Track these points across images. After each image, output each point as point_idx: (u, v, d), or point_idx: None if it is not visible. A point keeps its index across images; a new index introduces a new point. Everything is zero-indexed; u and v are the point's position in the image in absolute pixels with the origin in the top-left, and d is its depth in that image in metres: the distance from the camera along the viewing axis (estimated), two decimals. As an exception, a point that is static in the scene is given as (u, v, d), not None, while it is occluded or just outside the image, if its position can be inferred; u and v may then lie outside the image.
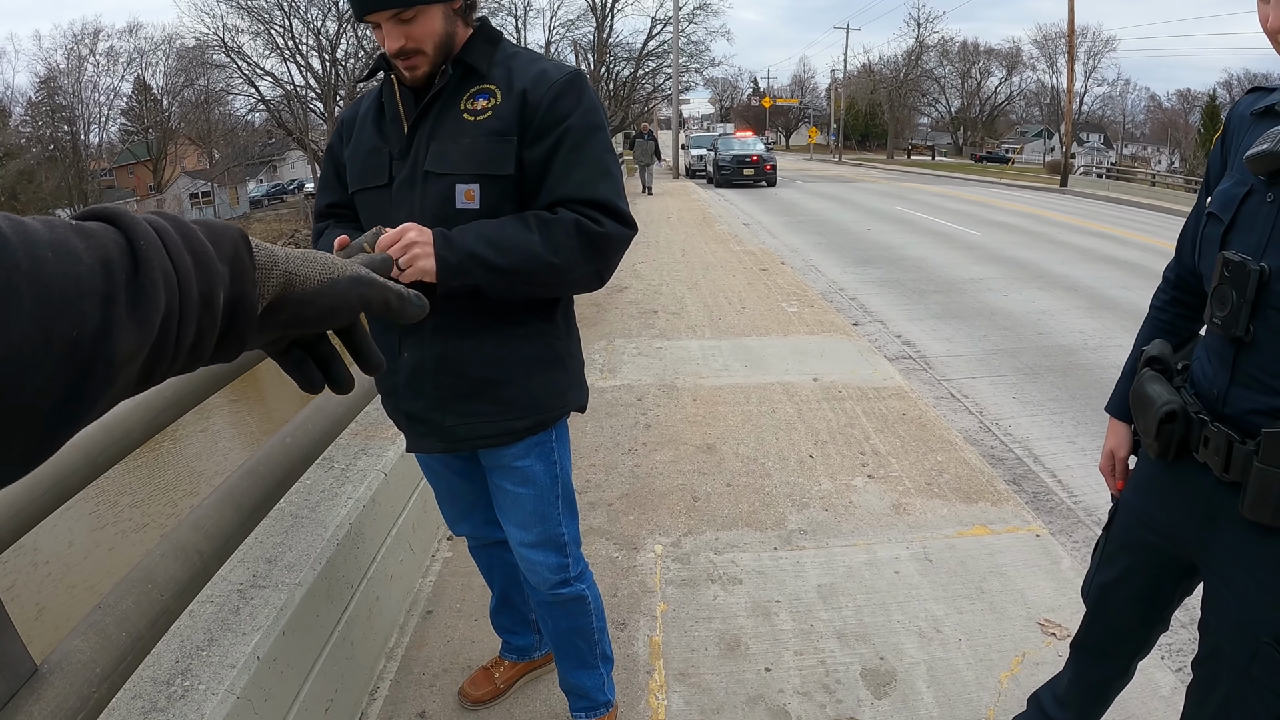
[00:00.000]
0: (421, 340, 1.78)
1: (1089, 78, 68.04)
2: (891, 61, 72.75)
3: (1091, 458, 4.68)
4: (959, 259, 11.67)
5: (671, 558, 3.36)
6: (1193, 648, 2.74)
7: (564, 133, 1.66)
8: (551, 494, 1.97)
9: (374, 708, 2.51)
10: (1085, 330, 7.67)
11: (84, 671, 1.44)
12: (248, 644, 1.90)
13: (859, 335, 7.07)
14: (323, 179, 1.99)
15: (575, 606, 2.12)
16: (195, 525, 1.89)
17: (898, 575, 3.25)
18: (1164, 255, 12.47)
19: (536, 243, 1.61)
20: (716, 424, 4.82)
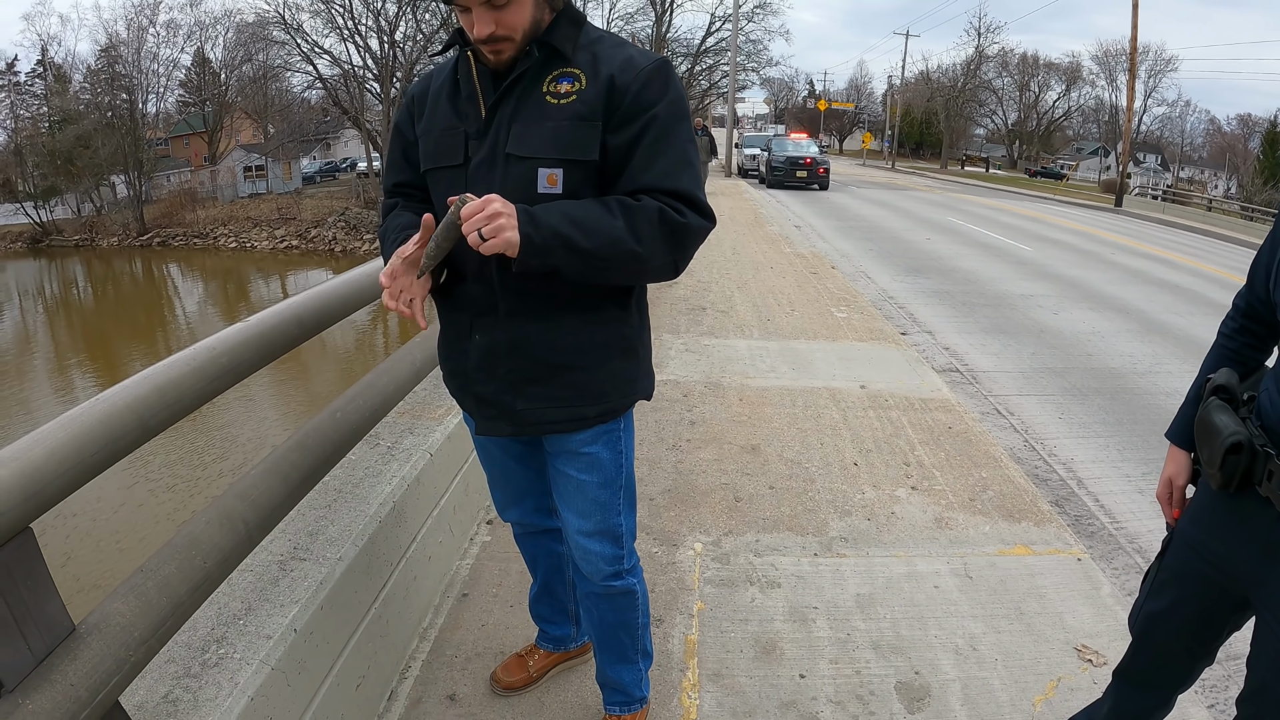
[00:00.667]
0: (495, 323, 1.77)
1: (1149, 97, 67.04)
2: (950, 70, 71.93)
3: (1136, 484, 4.64)
4: (1010, 274, 11.56)
5: (711, 556, 3.37)
6: (1226, 683, 2.74)
7: (650, 120, 1.64)
8: (615, 483, 1.97)
9: (404, 687, 2.53)
10: (1135, 354, 7.56)
11: (122, 634, 1.45)
12: (285, 616, 1.94)
13: (907, 345, 7.03)
14: (390, 158, 1.97)
15: (624, 600, 2.12)
16: (241, 494, 1.90)
17: (937, 590, 3.25)
18: (1217, 283, 12.31)
19: (621, 228, 1.60)
20: (762, 425, 4.83)
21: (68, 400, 19.12)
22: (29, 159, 44.57)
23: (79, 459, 1.41)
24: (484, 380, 1.83)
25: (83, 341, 26.34)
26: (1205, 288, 11.81)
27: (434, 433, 3.13)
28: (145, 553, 9.64)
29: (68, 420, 1.45)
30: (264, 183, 47.62)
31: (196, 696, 1.68)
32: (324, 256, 38.14)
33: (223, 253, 40.41)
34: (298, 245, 39.89)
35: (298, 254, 39.16)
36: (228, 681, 1.72)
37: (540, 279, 1.66)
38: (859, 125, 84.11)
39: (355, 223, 39.58)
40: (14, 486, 1.28)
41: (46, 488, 1.34)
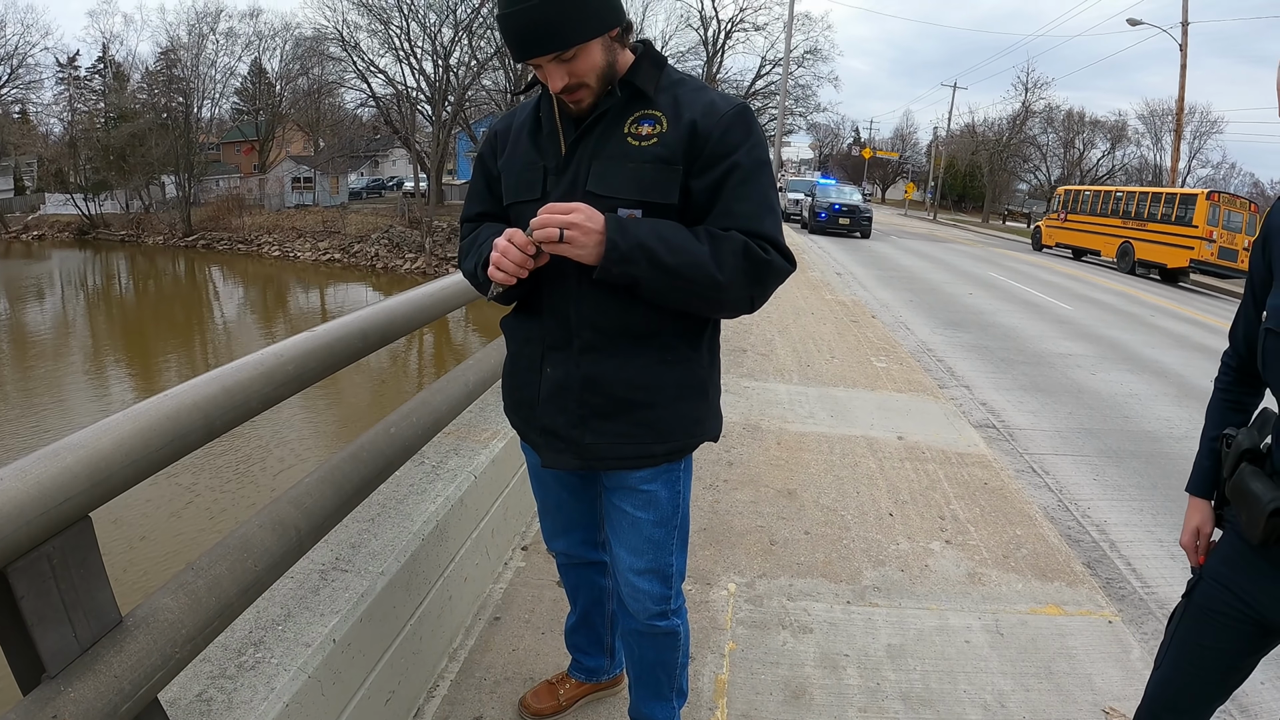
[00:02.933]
0: (568, 358, 1.80)
1: (1193, 158, 66.24)
2: (995, 123, 71.76)
3: (1168, 549, 4.62)
4: (1049, 331, 11.52)
5: (744, 598, 3.42)
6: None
7: (732, 166, 1.67)
8: (671, 522, 1.99)
9: (431, 705, 2.57)
10: (1171, 418, 7.51)
11: (169, 631, 1.47)
12: (325, 625, 1.98)
13: (945, 398, 7.06)
14: (472, 188, 2.02)
15: (667, 640, 2.13)
16: (295, 501, 1.94)
17: (968, 645, 3.27)
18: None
19: (706, 253, 1.63)
20: (799, 470, 4.88)
21: (98, 385, 19.52)
22: (82, 152, 46.04)
23: (145, 452, 1.45)
24: (553, 413, 1.86)
25: (120, 332, 26.87)
26: None
27: (479, 455, 3.20)
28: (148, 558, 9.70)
29: (136, 413, 1.49)
30: (311, 195, 48.54)
31: (231, 698, 1.71)
32: (365, 272, 38.69)
33: (265, 260, 41.16)
34: (340, 259, 40.51)
35: (339, 267, 39.75)
36: (264, 686, 1.75)
37: (614, 311, 1.72)
38: (902, 175, 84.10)
39: (399, 241, 40.12)
40: (80, 473, 1.32)
41: (111, 477, 1.38)
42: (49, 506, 1.25)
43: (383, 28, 42.97)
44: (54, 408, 17.10)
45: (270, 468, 13.22)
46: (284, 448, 14.23)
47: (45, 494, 1.24)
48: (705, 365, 1.90)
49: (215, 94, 50.63)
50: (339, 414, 16.79)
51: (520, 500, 3.66)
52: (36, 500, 1.23)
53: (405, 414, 2.67)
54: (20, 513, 1.20)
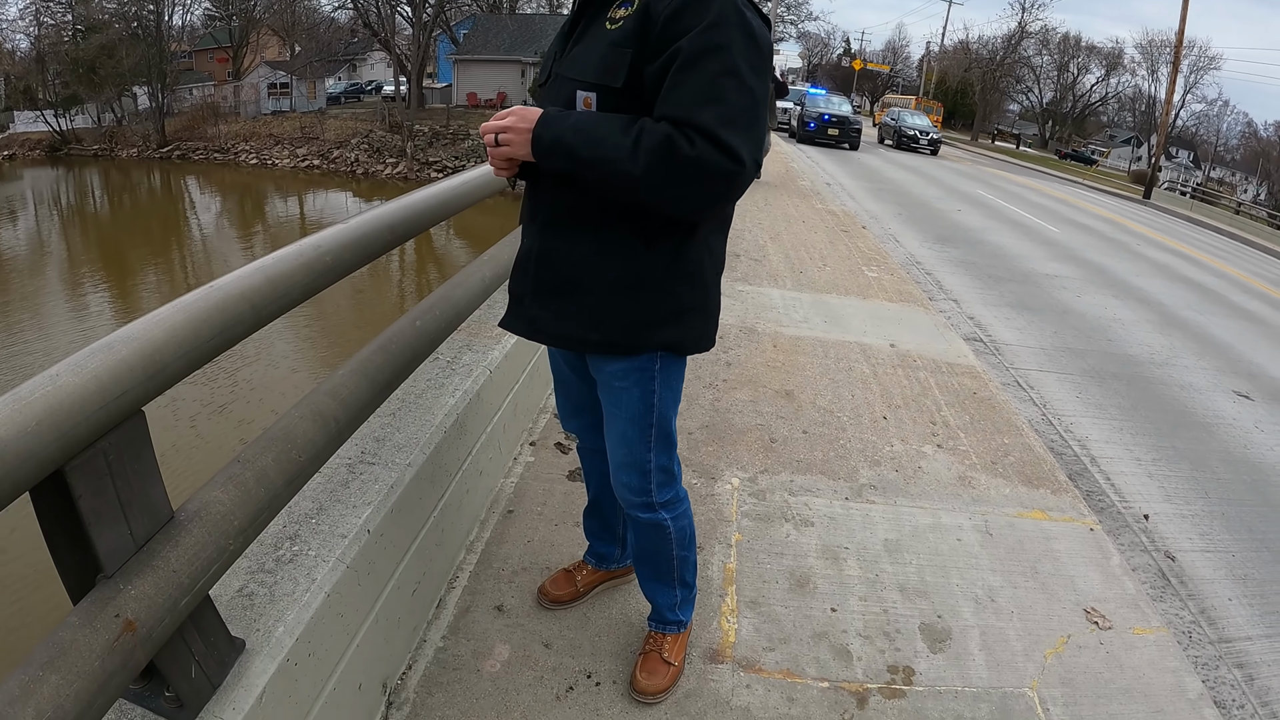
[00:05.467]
0: (534, 230, 1.89)
1: (1188, 92, 66.10)
2: (989, 42, 70.73)
3: (1146, 468, 4.77)
4: (1037, 252, 11.58)
5: (748, 492, 3.52)
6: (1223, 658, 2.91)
7: (675, 52, 1.56)
8: (644, 422, 1.98)
9: (452, 596, 2.65)
10: (1153, 345, 7.63)
11: (222, 523, 1.48)
12: (359, 516, 2.02)
13: (934, 309, 7.14)
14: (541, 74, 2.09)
15: (655, 531, 2.18)
16: (331, 392, 1.96)
17: (959, 542, 3.41)
18: (1239, 286, 12.37)
19: (626, 147, 1.57)
20: (795, 372, 4.96)
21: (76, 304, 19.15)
22: (51, 67, 43.95)
23: (195, 342, 1.43)
24: (517, 279, 1.95)
25: (95, 249, 26.02)
26: (1227, 289, 11.86)
27: (492, 351, 3.22)
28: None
29: (185, 304, 1.47)
30: (287, 101, 47.04)
31: (273, 591, 1.74)
32: (345, 178, 37.88)
33: (243, 169, 40.10)
34: (319, 165, 39.63)
35: (318, 174, 38.89)
36: (304, 578, 1.79)
37: (568, 195, 1.77)
38: (893, 88, 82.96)
39: (379, 146, 39.23)
40: (136, 365, 1.29)
41: (165, 369, 1.36)
42: (106, 400, 1.23)
43: None
44: (32, 327, 16.78)
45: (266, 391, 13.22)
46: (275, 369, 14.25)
47: (103, 387, 1.22)
48: (660, 268, 1.80)
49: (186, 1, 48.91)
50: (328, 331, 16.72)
51: (528, 396, 3.71)
52: (95, 395, 1.21)
53: (428, 307, 2.69)
54: (80, 408, 1.18)
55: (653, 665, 2.36)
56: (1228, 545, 4.05)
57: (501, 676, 2.34)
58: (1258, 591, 3.67)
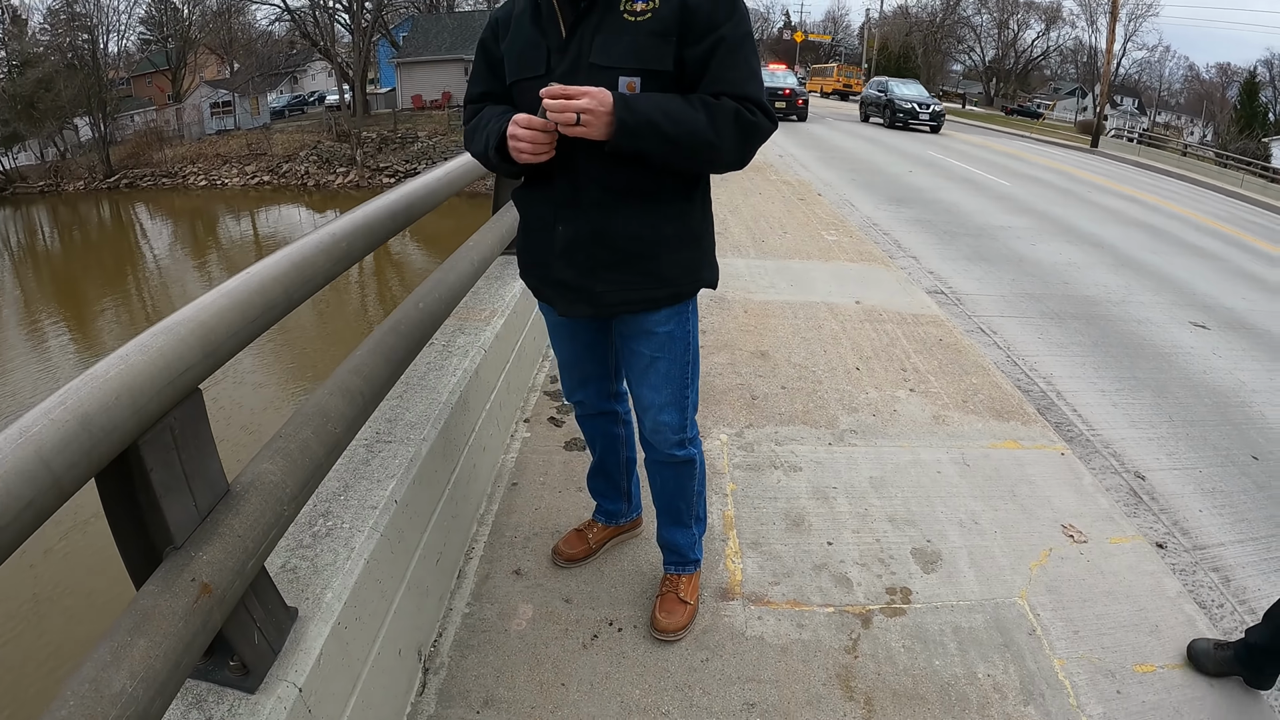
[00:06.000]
0: (578, 214, 1.98)
1: (1128, 40, 66.80)
2: (928, 5, 71.36)
3: (1110, 398, 4.98)
4: (989, 207, 11.82)
5: (736, 445, 3.69)
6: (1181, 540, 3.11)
7: (720, 39, 1.84)
8: (685, 358, 2.22)
9: (471, 566, 2.79)
10: (1109, 285, 7.88)
11: (275, 491, 1.59)
12: (385, 489, 2.16)
13: (895, 267, 7.34)
14: (475, 72, 2.15)
15: (686, 469, 2.39)
16: (355, 370, 2.10)
17: (940, 475, 3.60)
18: (1191, 225, 12.72)
19: (703, 120, 1.81)
20: (768, 334, 5.13)
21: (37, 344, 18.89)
22: None
23: (243, 323, 1.54)
24: (565, 267, 2.04)
25: (50, 288, 25.46)
26: (1179, 229, 12.19)
27: (484, 332, 3.36)
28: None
29: (229, 290, 1.57)
30: (231, 119, 46.08)
31: (315, 564, 1.85)
32: (296, 192, 37.27)
33: (192, 192, 39.19)
34: (269, 181, 38.92)
35: (269, 190, 38.19)
36: (343, 548, 1.91)
37: (621, 173, 1.89)
38: (835, 58, 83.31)
39: (328, 156, 38.63)
40: (195, 344, 1.38)
41: (219, 348, 1.46)
42: (172, 377, 1.31)
43: None
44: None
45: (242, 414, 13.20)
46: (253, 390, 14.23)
47: (169, 365, 1.31)
48: (699, 218, 2.11)
49: (120, 26, 47.76)
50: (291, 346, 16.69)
51: (519, 375, 3.85)
52: (162, 372, 1.29)
53: (427, 291, 2.81)
54: (151, 384, 1.26)
55: (671, 605, 2.53)
56: (1194, 463, 4.27)
57: (528, 633, 2.49)
58: (1226, 502, 3.89)
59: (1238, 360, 6.07)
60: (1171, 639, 2.72)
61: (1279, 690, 2.56)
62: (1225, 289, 8.44)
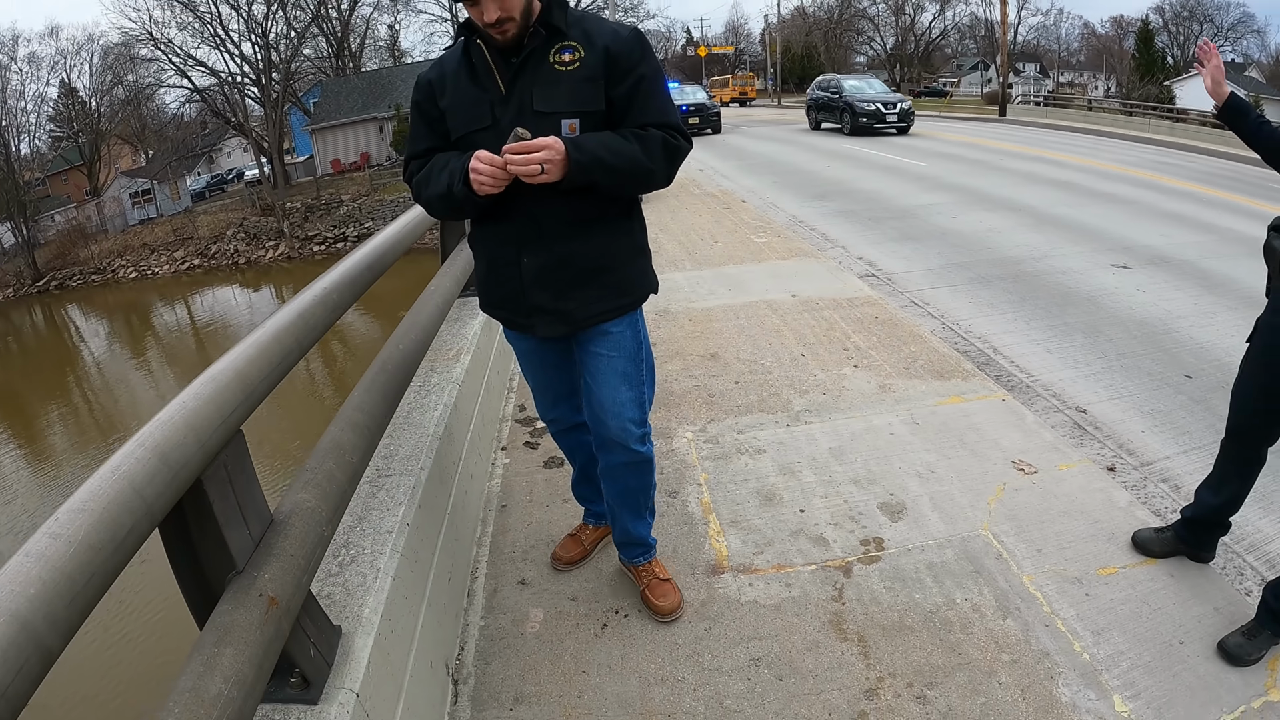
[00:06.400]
0: (541, 246, 2.22)
1: (1023, 8, 68.66)
2: (825, 3, 72.88)
3: (1044, 346, 5.31)
4: (909, 188, 12.24)
5: (702, 440, 3.93)
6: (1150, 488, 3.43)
7: (640, 77, 2.14)
8: (638, 357, 2.46)
9: (478, 583, 2.99)
10: (1031, 243, 8.29)
11: (313, 515, 1.76)
12: (395, 515, 2.34)
13: (825, 258, 7.66)
14: (415, 132, 2.35)
15: (647, 465, 2.60)
16: (358, 407, 2.30)
17: (893, 436, 3.89)
18: (1103, 175, 13.30)
19: (638, 150, 2.10)
20: (714, 337, 5.39)
21: None
22: None
23: (269, 368, 1.75)
24: (538, 293, 2.28)
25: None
26: (1092, 181, 12.77)
27: (455, 368, 3.54)
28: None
29: (253, 342, 1.77)
30: (153, 206, 45.21)
31: (347, 586, 2.01)
32: (228, 271, 36.69)
33: (123, 285, 38.39)
34: (200, 264, 38.21)
35: (201, 273, 37.46)
36: (369, 569, 2.07)
37: (574, 204, 2.15)
38: (740, 67, 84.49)
39: (255, 232, 38.12)
40: (237, 390, 1.58)
41: (254, 393, 1.65)
42: (224, 417, 1.50)
43: (192, 17, 40.89)
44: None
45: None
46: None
47: (220, 408, 1.50)
48: (640, 232, 2.43)
49: (30, 126, 46.99)
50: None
51: (490, 406, 4.05)
52: (215, 414, 1.48)
53: (404, 333, 3.00)
54: (208, 424, 1.44)
55: (659, 589, 2.77)
56: (1131, 390, 4.61)
57: (543, 633, 2.69)
58: (1167, 420, 4.23)
59: (1162, 292, 6.49)
60: (1128, 544, 3.05)
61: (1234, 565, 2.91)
62: (1142, 229, 8.94)
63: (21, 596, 0.99)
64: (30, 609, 0.98)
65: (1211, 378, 4.73)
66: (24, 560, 1.04)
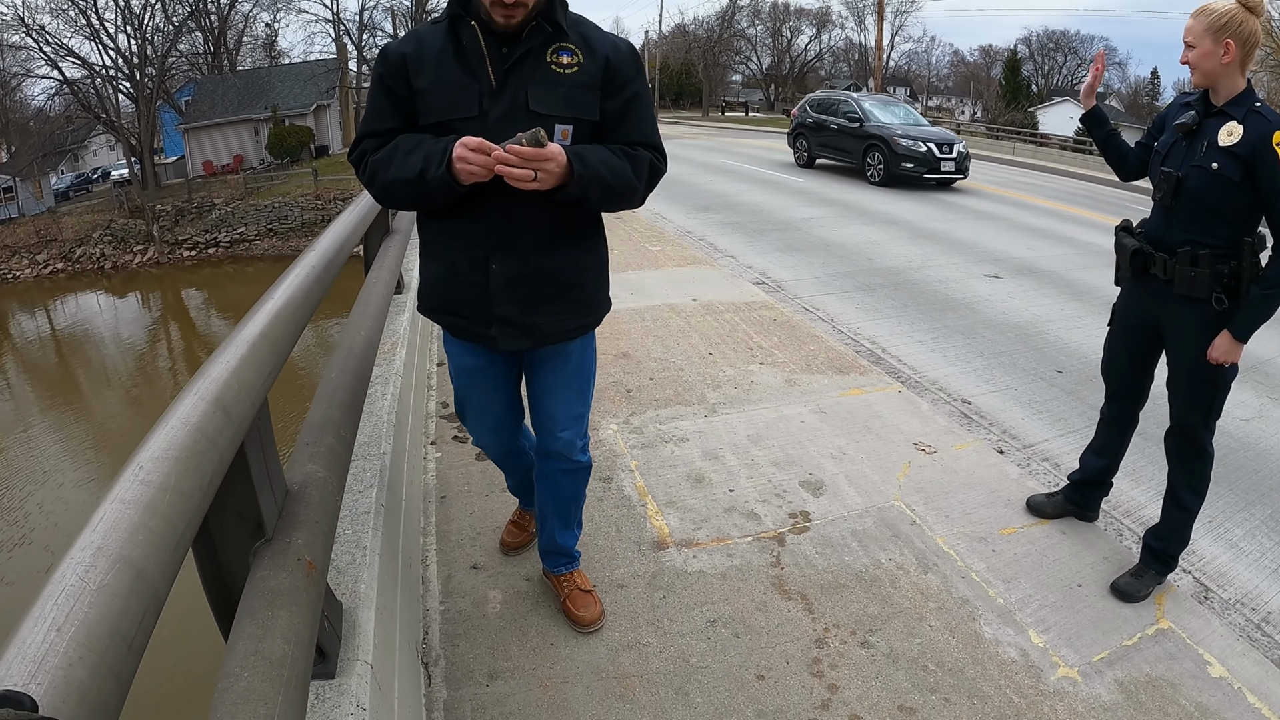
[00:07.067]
0: (514, 254, 2.09)
1: (896, 35, 71.69)
2: (705, 21, 74.28)
3: (927, 346, 5.75)
4: (790, 202, 12.72)
5: (627, 430, 4.13)
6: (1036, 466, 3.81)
7: (634, 94, 2.09)
8: (589, 372, 2.46)
9: (431, 571, 3.05)
10: (909, 255, 8.88)
11: (325, 485, 1.77)
12: (370, 497, 2.38)
13: (719, 266, 7.98)
14: (376, 109, 2.11)
15: (584, 474, 2.60)
16: (339, 387, 2.32)
17: (804, 423, 4.21)
18: (972, 193, 14.10)
19: (630, 169, 2.04)
20: (624, 338, 5.59)
21: None
22: None
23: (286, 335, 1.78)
24: (505, 303, 2.14)
25: None
26: (963, 199, 13.70)
27: (394, 360, 3.60)
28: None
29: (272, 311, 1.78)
30: (14, 206, 42.08)
31: (338, 565, 1.99)
32: (94, 276, 34.10)
33: None
34: (64, 268, 35.20)
35: (65, 277, 34.48)
36: (355, 548, 2.07)
37: (554, 214, 2.07)
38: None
39: (123, 235, 35.32)
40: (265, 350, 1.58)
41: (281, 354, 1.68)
42: (261, 382, 1.50)
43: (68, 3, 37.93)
44: None
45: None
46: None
47: (259, 373, 1.50)
48: (605, 250, 2.35)
49: None
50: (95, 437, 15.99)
51: (420, 402, 4.15)
52: (255, 377, 1.47)
53: (360, 321, 3.04)
54: (252, 383, 1.45)
55: (580, 600, 2.77)
56: (1010, 384, 5.09)
57: (505, 612, 2.81)
58: (1044, 409, 4.73)
59: (1031, 298, 7.18)
60: (1022, 508, 3.49)
61: (1114, 527, 3.34)
62: (1011, 242, 9.78)
63: (131, 543, 0.93)
64: (142, 555, 0.93)
65: (1080, 373, 5.25)
66: (121, 508, 0.98)
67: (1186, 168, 2.67)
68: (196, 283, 31.36)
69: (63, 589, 0.83)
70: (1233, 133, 2.55)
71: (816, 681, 2.46)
